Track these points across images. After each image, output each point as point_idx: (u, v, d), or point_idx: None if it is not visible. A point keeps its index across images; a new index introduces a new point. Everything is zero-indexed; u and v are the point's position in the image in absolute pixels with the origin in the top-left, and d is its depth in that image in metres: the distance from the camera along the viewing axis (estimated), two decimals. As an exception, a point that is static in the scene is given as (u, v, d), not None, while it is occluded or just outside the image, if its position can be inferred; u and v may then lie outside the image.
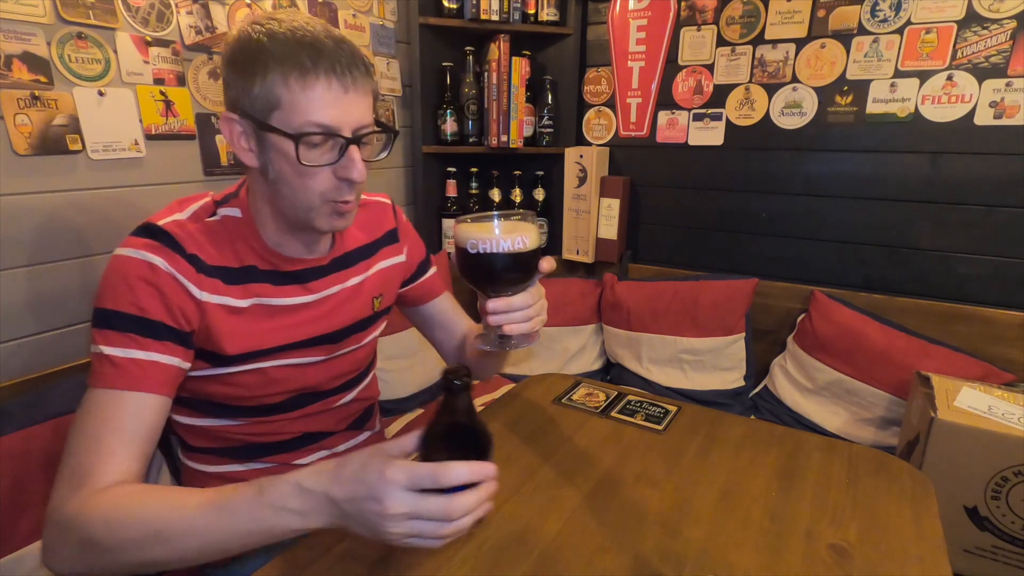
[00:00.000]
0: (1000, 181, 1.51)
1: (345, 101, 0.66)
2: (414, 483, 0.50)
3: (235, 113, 0.68)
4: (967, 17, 1.47)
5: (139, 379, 0.64)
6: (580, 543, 0.69)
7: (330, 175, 0.68)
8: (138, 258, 0.66)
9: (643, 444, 0.91)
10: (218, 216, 0.73)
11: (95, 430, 0.62)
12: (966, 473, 1.17)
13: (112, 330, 0.64)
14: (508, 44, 1.82)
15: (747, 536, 0.71)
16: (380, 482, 0.50)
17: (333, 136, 0.66)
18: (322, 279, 0.81)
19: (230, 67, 0.67)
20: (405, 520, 0.50)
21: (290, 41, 0.64)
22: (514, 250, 0.63)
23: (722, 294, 1.78)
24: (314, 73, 0.63)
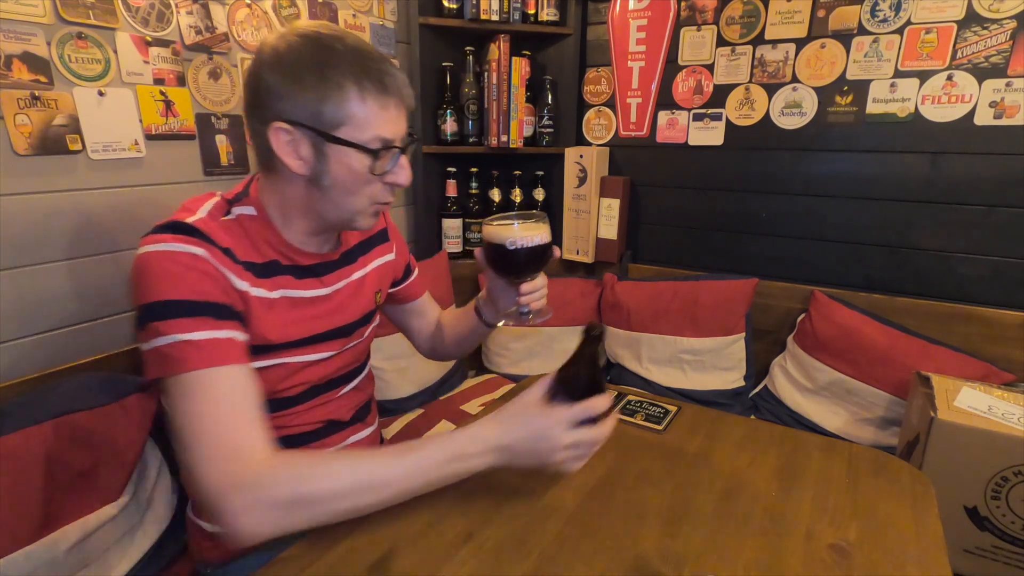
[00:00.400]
0: (1000, 181, 1.51)
1: (401, 117, 0.75)
2: (574, 420, 0.68)
3: (289, 124, 0.70)
4: (967, 17, 1.47)
5: (228, 354, 0.67)
6: (580, 543, 0.69)
7: (381, 181, 0.75)
8: (180, 250, 0.67)
9: (643, 444, 0.91)
10: (233, 215, 0.75)
11: (218, 408, 0.64)
12: (966, 473, 1.17)
13: (181, 318, 0.65)
14: (508, 44, 1.82)
15: (747, 536, 0.71)
16: (549, 425, 0.67)
17: (392, 148, 0.74)
18: (333, 272, 0.85)
19: (284, 75, 0.69)
20: (570, 449, 0.68)
21: (364, 61, 0.70)
22: (540, 244, 0.81)
23: (722, 294, 1.78)
24: (387, 93, 0.71)
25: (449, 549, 0.67)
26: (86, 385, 0.99)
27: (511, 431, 0.68)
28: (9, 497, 0.82)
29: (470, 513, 0.74)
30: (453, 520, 0.72)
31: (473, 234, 2.05)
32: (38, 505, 0.85)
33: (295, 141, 0.71)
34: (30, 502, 0.85)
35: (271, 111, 0.70)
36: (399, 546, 0.68)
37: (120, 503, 0.96)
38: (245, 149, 1.39)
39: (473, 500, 0.76)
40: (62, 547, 0.87)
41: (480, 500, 0.76)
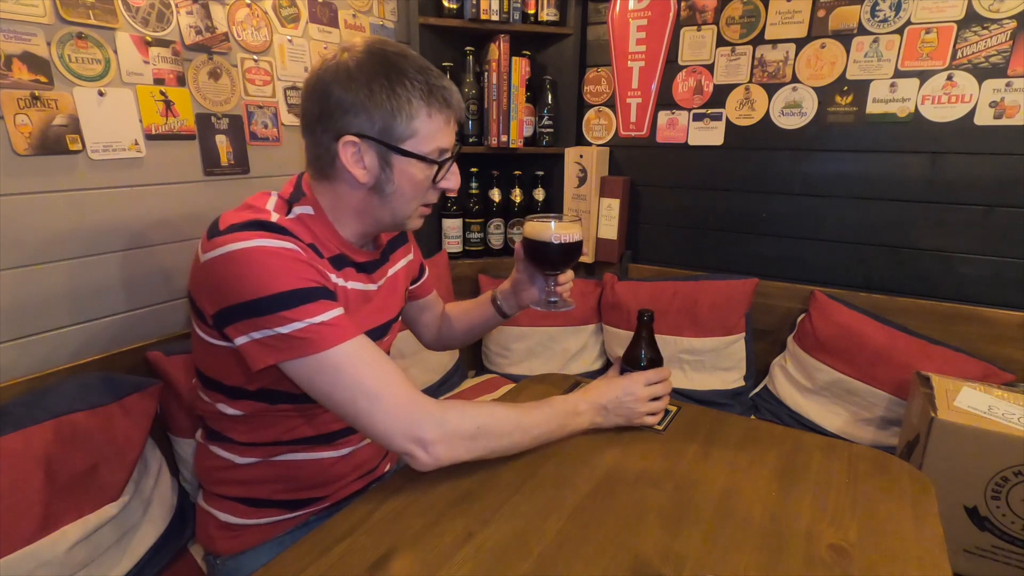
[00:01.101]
0: (1000, 181, 1.51)
1: (454, 129, 0.82)
2: (649, 380, 0.92)
3: (358, 137, 0.75)
4: (967, 17, 1.47)
5: (353, 327, 0.73)
6: (580, 543, 0.69)
7: (433, 186, 0.82)
8: (278, 246, 0.70)
9: (643, 444, 0.91)
10: (295, 215, 0.79)
11: (380, 366, 0.72)
12: (966, 473, 1.17)
13: (304, 304, 0.69)
14: (508, 44, 1.82)
15: (747, 536, 0.71)
16: (631, 386, 0.91)
17: (448, 158, 0.81)
18: (379, 270, 0.91)
19: (358, 93, 0.73)
20: (648, 402, 0.91)
21: (429, 78, 0.76)
22: (577, 240, 0.94)
23: (722, 294, 1.78)
24: (450, 109, 0.78)
25: (449, 549, 0.67)
26: (86, 385, 0.99)
27: (605, 394, 0.90)
28: (9, 497, 0.82)
29: (470, 513, 0.74)
30: (453, 520, 0.72)
31: (473, 234, 2.05)
32: (38, 505, 0.85)
33: (361, 152, 0.76)
34: (30, 502, 0.85)
35: (341, 124, 0.75)
36: (399, 546, 0.68)
37: (120, 503, 0.96)
38: (245, 149, 1.39)
39: (473, 500, 0.76)
40: (62, 547, 0.87)
41: (480, 500, 0.76)
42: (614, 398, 0.89)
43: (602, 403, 0.89)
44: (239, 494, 0.86)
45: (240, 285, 0.68)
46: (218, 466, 0.86)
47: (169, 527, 1.05)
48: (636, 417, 0.90)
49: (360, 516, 0.73)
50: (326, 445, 0.87)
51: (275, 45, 1.45)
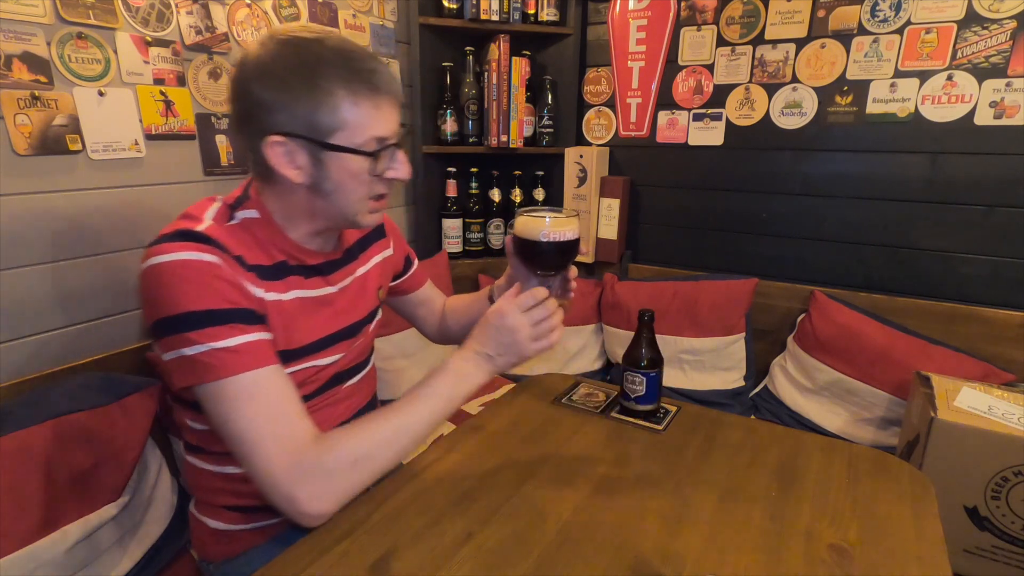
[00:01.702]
0: (1000, 181, 1.51)
1: (394, 113, 0.74)
2: (523, 306, 0.76)
3: (283, 136, 0.69)
4: (967, 17, 1.47)
5: (263, 356, 0.69)
6: (580, 543, 0.69)
7: (379, 178, 0.75)
8: (198, 259, 0.67)
9: (643, 444, 0.91)
10: (237, 219, 0.75)
11: (275, 407, 0.68)
12: (966, 473, 1.17)
13: (212, 326, 0.65)
14: (508, 44, 1.82)
15: (747, 536, 0.71)
16: (507, 321, 0.76)
17: (389, 146, 0.74)
18: (339, 271, 0.86)
19: (276, 90, 0.68)
20: (529, 329, 0.76)
21: (349, 61, 0.69)
22: (570, 239, 0.82)
23: (722, 294, 1.78)
24: (378, 93, 0.71)
25: (449, 549, 0.67)
26: (86, 385, 0.99)
27: (481, 340, 0.78)
28: (9, 497, 0.82)
29: (470, 513, 0.74)
30: (453, 520, 0.72)
31: (473, 234, 2.05)
32: (38, 505, 0.85)
33: (291, 152, 0.70)
34: (30, 502, 0.85)
35: (264, 124, 0.70)
36: (399, 546, 0.68)
37: (120, 503, 0.96)
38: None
39: (473, 500, 0.76)
40: (62, 547, 0.87)
41: (480, 500, 0.76)
42: (492, 340, 0.77)
43: (484, 351, 0.77)
44: (227, 502, 0.85)
45: (157, 301, 0.66)
46: (202, 476, 0.85)
47: (169, 527, 1.05)
48: (526, 351, 0.77)
49: (360, 516, 0.73)
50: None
51: (275, 45, 1.45)
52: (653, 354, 0.96)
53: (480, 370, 0.77)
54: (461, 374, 0.77)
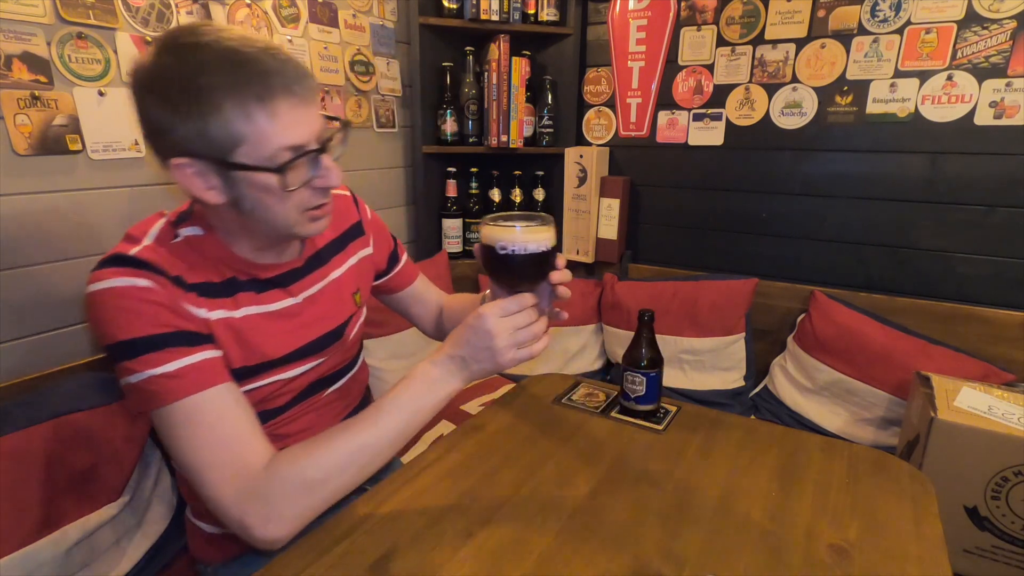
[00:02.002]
0: (1000, 181, 1.51)
1: (305, 115, 0.65)
2: (504, 311, 0.69)
3: (186, 158, 0.63)
4: (967, 17, 1.47)
5: (206, 377, 0.66)
6: (580, 543, 0.69)
7: (306, 188, 0.68)
8: (126, 285, 0.64)
9: (643, 444, 0.91)
10: (180, 237, 0.71)
11: (216, 432, 0.65)
12: (966, 473, 1.17)
13: (148, 354, 0.63)
14: (508, 44, 1.82)
15: (747, 536, 0.71)
16: (482, 320, 0.68)
17: (306, 153, 0.66)
18: (302, 280, 0.82)
19: (163, 109, 0.61)
20: (508, 335, 0.68)
21: (235, 67, 0.60)
22: (538, 251, 0.71)
23: (722, 294, 1.78)
24: (272, 96, 0.62)
25: (449, 549, 0.67)
26: (86, 385, 0.99)
27: (456, 343, 0.71)
28: (9, 497, 0.82)
29: (470, 513, 0.74)
30: (453, 520, 0.72)
31: (473, 234, 2.05)
32: (38, 505, 0.85)
33: (201, 173, 0.64)
34: (30, 502, 0.85)
35: (164, 146, 0.64)
36: (399, 546, 0.68)
37: (120, 503, 0.96)
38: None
39: (473, 500, 0.76)
40: (62, 547, 0.87)
41: (480, 500, 0.76)
42: (467, 344, 0.70)
43: (457, 354, 0.70)
44: None
45: (97, 331, 0.65)
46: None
47: (169, 527, 1.05)
48: (502, 358, 0.69)
49: (360, 516, 0.73)
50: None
51: (275, 45, 1.45)
52: (653, 354, 0.96)
53: (451, 376, 0.71)
54: (429, 380, 0.70)
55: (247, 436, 0.67)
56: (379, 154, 1.87)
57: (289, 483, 0.64)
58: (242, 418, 0.67)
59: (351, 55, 1.68)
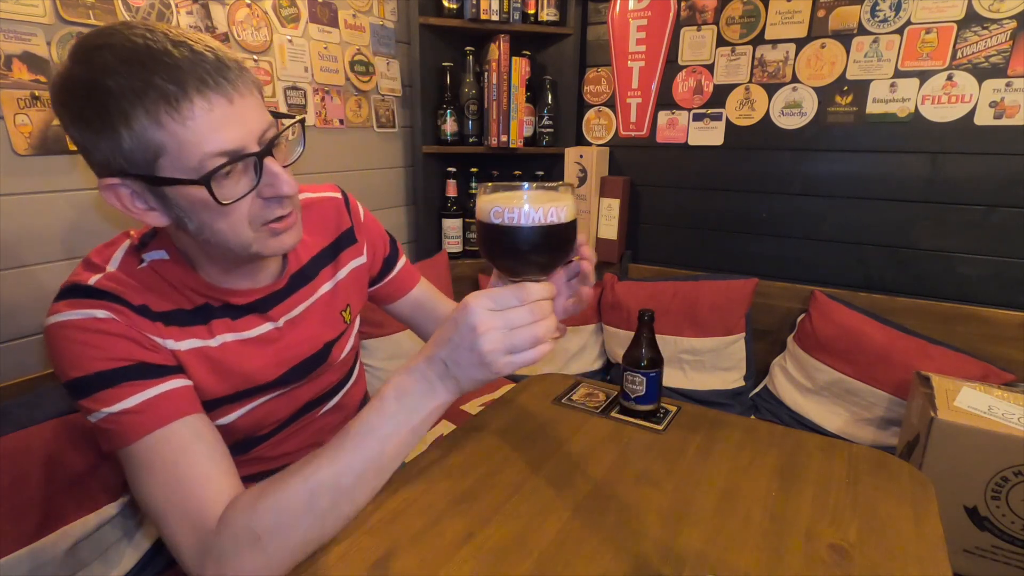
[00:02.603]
0: (1000, 181, 1.51)
1: (236, 113, 0.56)
2: (497, 302, 0.54)
3: (114, 177, 0.57)
4: (967, 17, 1.47)
5: (170, 409, 0.60)
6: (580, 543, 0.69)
7: (254, 198, 0.60)
8: (82, 317, 0.59)
9: (643, 444, 0.91)
10: (146, 263, 0.66)
11: (174, 472, 0.58)
12: (966, 473, 1.17)
13: (104, 390, 0.58)
14: (508, 44, 1.82)
15: (747, 536, 0.70)
16: (466, 313, 0.53)
17: (242, 158, 0.57)
18: (283, 303, 0.75)
19: (79, 124, 0.55)
20: (499, 335, 0.53)
21: (135, 68, 0.52)
22: (555, 222, 0.54)
23: (722, 294, 1.78)
24: (186, 97, 0.53)
25: (449, 549, 0.67)
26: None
27: (437, 344, 0.57)
28: (9, 497, 0.82)
29: (470, 513, 0.74)
30: (453, 520, 0.72)
31: (473, 234, 2.05)
32: (38, 505, 0.85)
33: (136, 192, 0.58)
34: (30, 502, 0.85)
35: (93, 166, 0.58)
36: (399, 546, 0.68)
37: (120, 502, 0.96)
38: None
39: (473, 500, 0.76)
40: (62, 547, 0.87)
41: (480, 500, 0.76)
42: (447, 342, 0.55)
43: (437, 355, 0.56)
44: None
45: (55, 366, 0.60)
46: None
47: (169, 527, 1.05)
48: (492, 363, 0.54)
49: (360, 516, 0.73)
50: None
51: (275, 45, 1.45)
52: (653, 354, 0.96)
53: (430, 387, 0.57)
54: (402, 394, 0.58)
55: (209, 476, 0.59)
56: (379, 154, 1.87)
57: (240, 538, 0.55)
58: (204, 454, 0.60)
59: (351, 55, 1.68)
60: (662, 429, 0.95)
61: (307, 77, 1.55)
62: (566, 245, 0.56)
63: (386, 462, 0.58)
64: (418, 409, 0.58)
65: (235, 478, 0.61)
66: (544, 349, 0.55)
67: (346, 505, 0.58)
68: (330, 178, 1.68)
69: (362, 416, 0.58)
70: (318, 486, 0.56)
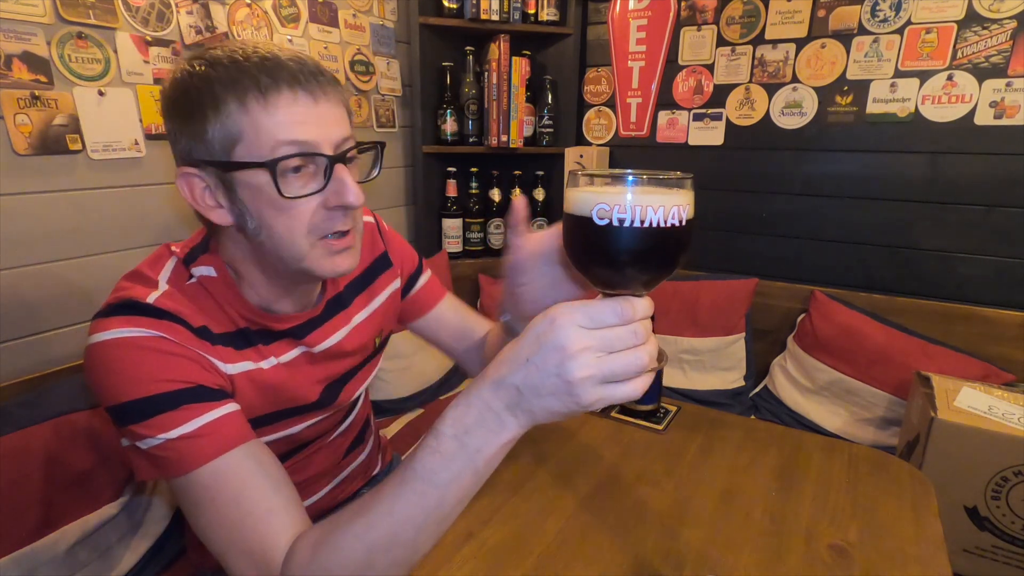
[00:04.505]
0: (1000, 181, 1.51)
1: (317, 113, 0.58)
2: (592, 319, 0.43)
3: (191, 167, 0.59)
4: (967, 17, 1.47)
5: (231, 434, 0.57)
6: (580, 543, 0.69)
7: (319, 206, 0.59)
8: (141, 335, 0.57)
9: (643, 444, 0.91)
10: (195, 279, 0.64)
11: (236, 507, 0.55)
12: (966, 473, 1.17)
13: (163, 414, 0.55)
14: (508, 44, 1.82)
15: (747, 536, 0.70)
16: (553, 329, 0.42)
17: (313, 155, 0.58)
18: (319, 329, 0.73)
19: (174, 115, 0.59)
20: (593, 357, 0.42)
21: (240, 63, 0.56)
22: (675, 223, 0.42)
23: (722, 294, 1.78)
24: (275, 88, 0.56)
25: (449, 549, 0.67)
26: (86, 385, 0.99)
27: (509, 365, 0.45)
28: (9, 497, 0.82)
29: (470, 513, 0.74)
30: (453, 520, 0.72)
31: (473, 234, 2.05)
32: (38, 505, 0.85)
33: (206, 186, 0.60)
34: (30, 502, 0.85)
35: (177, 155, 0.61)
36: (399, 546, 0.68)
37: (120, 503, 0.96)
38: (245, 149, 1.39)
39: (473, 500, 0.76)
40: (62, 547, 0.87)
41: (480, 500, 0.76)
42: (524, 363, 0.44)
43: (508, 380, 0.45)
44: None
45: (101, 387, 0.57)
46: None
47: (169, 527, 1.05)
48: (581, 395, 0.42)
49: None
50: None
51: (275, 45, 1.45)
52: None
53: (497, 420, 0.46)
54: (462, 429, 0.47)
55: (272, 510, 0.56)
56: (379, 154, 1.87)
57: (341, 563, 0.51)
58: (267, 485, 0.57)
59: (351, 55, 1.68)
60: (662, 429, 0.95)
61: (307, 77, 1.55)
62: (683, 252, 0.45)
63: (447, 512, 0.50)
64: (482, 449, 0.47)
65: (297, 507, 0.58)
66: (645, 382, 0.45)
67: (407, 557, 0.51)
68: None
69: (419, 456, 0.48)
70: (374, 544, 0.49)
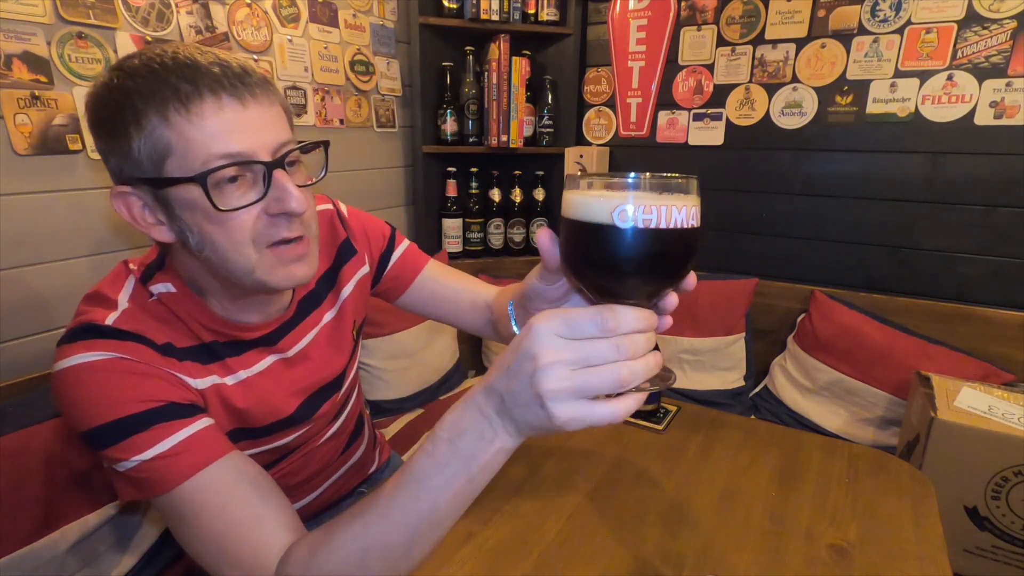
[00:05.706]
0: (1000, 181, 1.51)
1: (248, 118, 0.54)
2: (571, 327, 0.39)
3: (125, 185, 0.56)
4: (967, 17, 1.47)
5: (209, 449, 0.56)
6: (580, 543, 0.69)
7: (261, 215, 0.57)
8: (103, 359, 0.55)
9: (643, 444, 0.91)
10: (155, 296, 0.62)
11: (222, 518, 0.54)
12: (966, 473, 1.17)
13: (135, 435, 0.54)
14: (508, 44, 1.82)
15: (747, 536, 0.71)
16: (527, 335, 0.39)
17: (248, 164, 0.54)
18: (292, 332, 0.71)
19: (100, 133, 0.56)
20: (564, 371, 0.38)
21: (158, 72, 0.52)
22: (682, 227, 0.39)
23: (722, 294, 1.78)
24: (197, 95, 0.52)
25: (449, 549, 0.67)
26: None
27: (494, 369, 0.44)
28: (9, 497, 0.82)
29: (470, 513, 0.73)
30: (453, 520, 0.72)
31: (473, 234, 2.05)
32: (38, 505, 0.85)
33: (143, 204, 0.57)
34: (30, 502, 0.85)
35: (111, 175, 0.58)
36: (399, 546, 0.68)
37: (120, 502, 0.96)
38: (245, 149, 1.39)
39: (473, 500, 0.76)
40: (62, 547, 0.86)
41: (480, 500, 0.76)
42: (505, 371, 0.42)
43: (495, 386, 0.43)
44: None
45: (71, 414, 0.56)
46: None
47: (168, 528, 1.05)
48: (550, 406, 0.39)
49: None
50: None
51: (275, 45, 1.45)
52: None
53: (489, 425, 0.44)
54: (456, 433, 0.45)
55: (260, 517, 0.55)
56: (379, 154, 1.87)
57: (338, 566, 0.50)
58: (252, 494, 0.56)
59: (351, 55, 1.68)
60: (662, 429, 0.96)
61: (307, 77, 1.55)
62: (691, 259, 0.41)
63: (441, 518, 0.48)
64: (475, 455, 0.45)
65: (289, 512, 0.57)
66: (630, 404, 0.40)
67: (402, 562, 0.50)
68: (330, 178, 1.68)
69: (416, 459, 0.47)
70: (370, 546, 0.49)
